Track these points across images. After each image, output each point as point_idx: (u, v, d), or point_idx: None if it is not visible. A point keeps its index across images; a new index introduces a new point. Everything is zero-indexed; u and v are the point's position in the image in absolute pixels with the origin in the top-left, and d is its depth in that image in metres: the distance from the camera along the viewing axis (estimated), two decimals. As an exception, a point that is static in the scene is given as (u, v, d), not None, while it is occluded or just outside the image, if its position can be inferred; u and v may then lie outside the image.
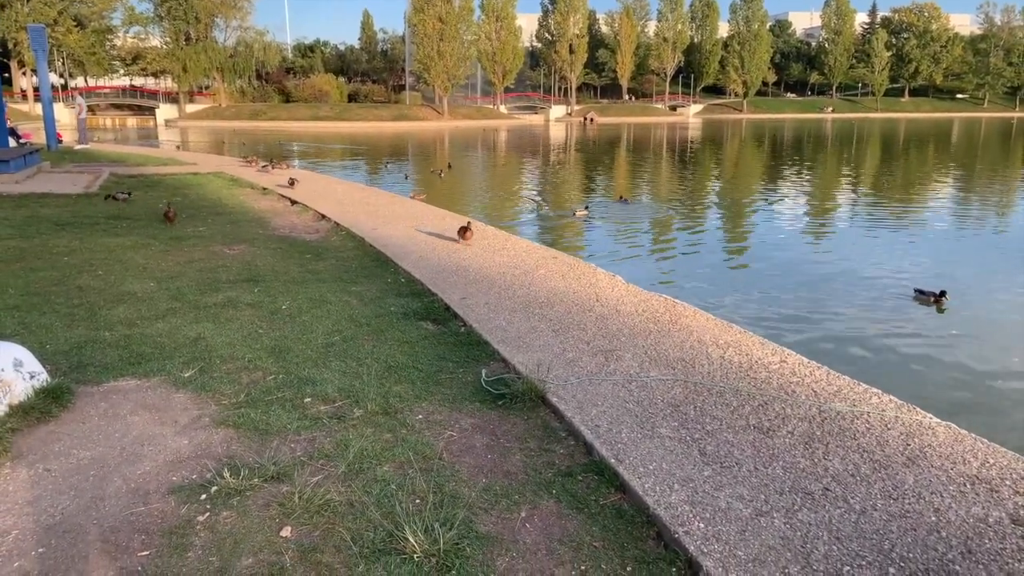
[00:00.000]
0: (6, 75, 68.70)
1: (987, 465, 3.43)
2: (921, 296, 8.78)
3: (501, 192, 21.14)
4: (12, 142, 18.81)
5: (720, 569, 2.64)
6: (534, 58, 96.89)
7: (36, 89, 55.61)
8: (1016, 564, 2.69)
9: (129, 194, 12.96)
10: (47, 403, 3.94)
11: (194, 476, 3.32)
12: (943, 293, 8.57)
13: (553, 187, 22.24)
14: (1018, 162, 32.44)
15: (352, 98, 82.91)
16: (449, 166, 25.55)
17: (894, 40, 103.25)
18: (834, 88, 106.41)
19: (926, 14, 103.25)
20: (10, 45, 62.04)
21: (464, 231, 9.00)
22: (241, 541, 2.84)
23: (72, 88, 69.11)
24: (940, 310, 8.46)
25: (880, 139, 50.82)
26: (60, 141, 25.58)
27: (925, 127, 69.34)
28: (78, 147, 25.97)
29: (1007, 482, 3.27)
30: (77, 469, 3.38)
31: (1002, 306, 8.86)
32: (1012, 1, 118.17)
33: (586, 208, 15.58)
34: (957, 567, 2.67)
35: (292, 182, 15.01)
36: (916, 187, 22.63)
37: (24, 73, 66.13)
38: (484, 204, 18.23)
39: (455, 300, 6.28)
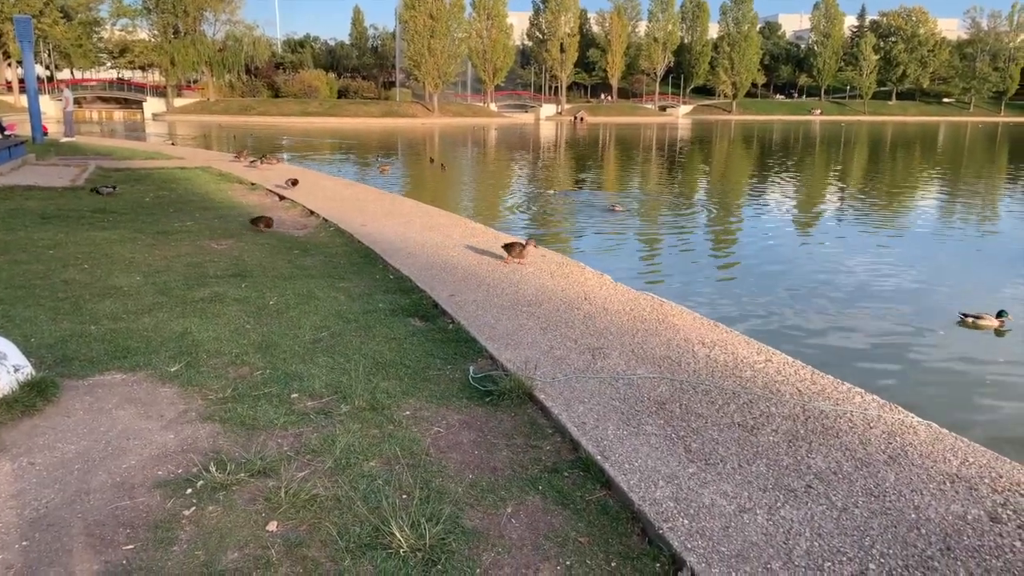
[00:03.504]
0: (-9, 66, 67.98)
1: (967, 463, 3.48)
2: (974, 320, 7.77)
3: (490, 189, 21.14)
4: (-3, 134, 18.61)
5: (703, 565, 2.67)
6: (525, 56, 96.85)
7: (21, 81, 55.08)
8: (993, 560, 2.73)
9: (115, 187, 12.87)
10: (31, 397, 3.91)
11: (180, 471, 3.31)
12: (1001, 313, 7.66)
13: (546, 182, 22.25)
14: (1003, 167, 32.79)
15: (342, 94, 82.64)
16: (431, 160, 25.52)
17: (882, 44, 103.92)
18: (822, 90, 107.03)
19: (914, 18, 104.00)
20: (-5, 36, 61.37)
21: (521, 250, 7.71)
22: (227, 535, 2.84)
23: (58, 80, 68.48)
24: (999, 333, 7.64)
25: (868, 142, 51.20)
26: (46, 134, 25.36)
27: (912, 130, 69.91)
28: (64, 140, 25.75)
29: (986, 480, 3.32)
30: (62, 463, 3.37)
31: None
32: (999, 6, 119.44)
33: (616, 205, 15.92)
34: (936, 563, 2.71)
35: (294, 182, 14.21)
36: (904, 190, 22.83)
37: (9, 64, 65.48)
38: (473, 201, 18.22)
39: (443, 297, 6.29)
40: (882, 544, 2.82)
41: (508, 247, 7.86)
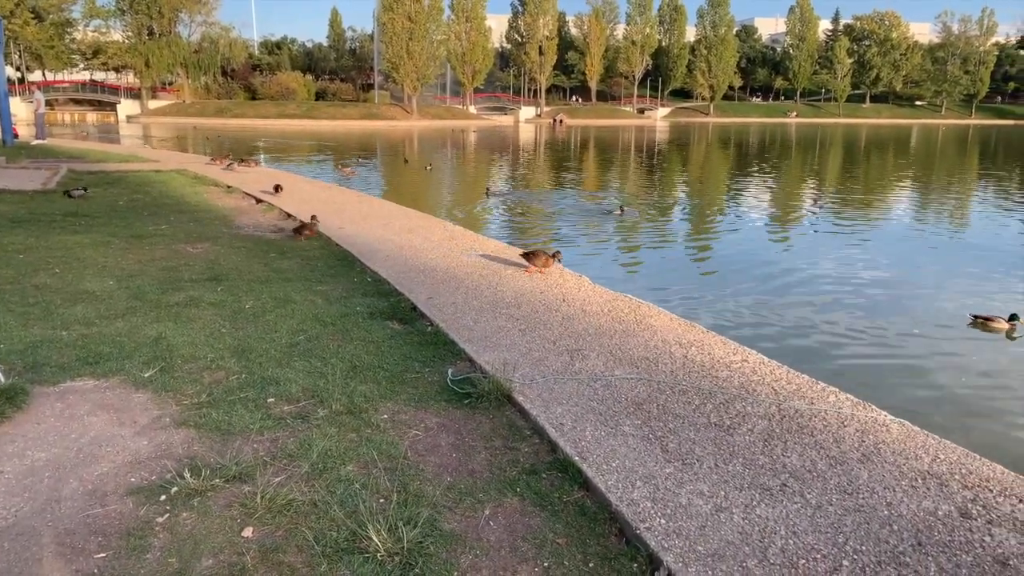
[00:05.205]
0: (-40, 67, 66.71)
1: (938, 460, 3.53)
2: (984, 322, 7.60)
3: (470, 191, 21.11)
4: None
5: (680, 564, 2.69)
6: (504, 59, 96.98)
7: (-9, 82, 54.08)
8: (964, 556, 2.78)
9: (85, 189, 12.67)
10: (0, 404, 3.84)
11: (154, 477, 3.27)
12: (1014, 317, 7.51)
13: (526, 184, 22.28)
14: (974, 169, 33.39)
15: (320, 96, 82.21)
16: (405, 161, 25.53)
17: (856, 47, 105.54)
18: (798, 93, 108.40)
19: (887, 22, 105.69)
20: (-36, 37, 60.28)
21: (547, 259, 7.38)
22: (201, 542, 2.81)
23: (30, 82, 67.37)
24: (1011, 336, 7.45)
25: (843, 144, 51.88)
26: (16, 136, 24.91)
27: (886, 133, 70.96)
28: (35, 142, 25.34)
29: (956, 477, 3.37)
30: (31, 471, 3.31)
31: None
32: (969, 11, 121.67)
33: (621, 209, 15.95)
34: (908, 559, 2.75)
35: (278, 188, 13.72)
36: (879, 191, 23.16)
37: (-21, 66, 64.24)
38: (453, 203, 18.19)
39: (422, 300, 6.27)
40: (855, 541, 2.86)
41: (531, 256, 7.50)
